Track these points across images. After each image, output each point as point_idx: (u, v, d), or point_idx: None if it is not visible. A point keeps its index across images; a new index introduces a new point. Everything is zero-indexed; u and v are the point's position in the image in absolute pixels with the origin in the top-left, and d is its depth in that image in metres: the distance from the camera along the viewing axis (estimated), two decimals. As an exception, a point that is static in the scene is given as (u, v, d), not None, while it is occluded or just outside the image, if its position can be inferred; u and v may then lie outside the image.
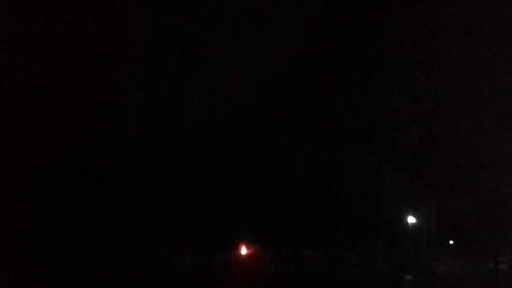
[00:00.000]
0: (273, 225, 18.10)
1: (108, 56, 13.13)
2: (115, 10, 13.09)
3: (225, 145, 16.58)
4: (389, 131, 17.03)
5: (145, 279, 13.20)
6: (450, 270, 17.35)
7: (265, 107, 16.73)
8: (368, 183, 18.15)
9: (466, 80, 16.64)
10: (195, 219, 16.19)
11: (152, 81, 13.97)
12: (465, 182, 18.52)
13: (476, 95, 16.72)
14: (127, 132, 13.65)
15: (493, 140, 17.24)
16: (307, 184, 18.49)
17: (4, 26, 12.14)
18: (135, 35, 13.67)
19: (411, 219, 18.62)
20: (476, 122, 17.00)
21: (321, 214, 18.57)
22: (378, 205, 17.78)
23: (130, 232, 13.62)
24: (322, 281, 15.03)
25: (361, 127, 17.08)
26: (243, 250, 11.69)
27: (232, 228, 16.67)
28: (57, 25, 12.43)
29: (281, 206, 18.63)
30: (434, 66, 16.67)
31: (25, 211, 12.85)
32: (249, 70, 14.73)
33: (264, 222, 17.57)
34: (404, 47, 16.39)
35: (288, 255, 16.90)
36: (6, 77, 12.31)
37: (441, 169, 18.30)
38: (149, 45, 13.81)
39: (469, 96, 16.83)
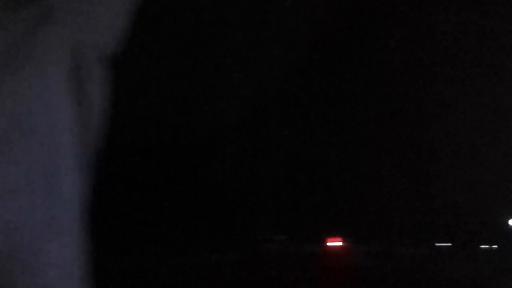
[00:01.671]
0: (366, 219, 17.76)
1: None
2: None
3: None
4: None
5: (243, 262, 13.53)
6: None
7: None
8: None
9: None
10: (290, 207, 16.20)
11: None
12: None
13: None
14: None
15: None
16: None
17: None
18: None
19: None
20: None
21: (419, 210, 18.05)
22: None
23: (228, 215, 14.02)
24: (414, 280, 14.46)
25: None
26: (333, 243, 11.52)
27: (324, 220, 16.51)
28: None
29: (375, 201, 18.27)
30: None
31: (140, 195, 13.58)
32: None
33: (357, 216, 17.28)
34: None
35: (381, 250, 16.45)
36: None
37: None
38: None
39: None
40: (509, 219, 17.71)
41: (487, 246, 17.64)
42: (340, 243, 11.90)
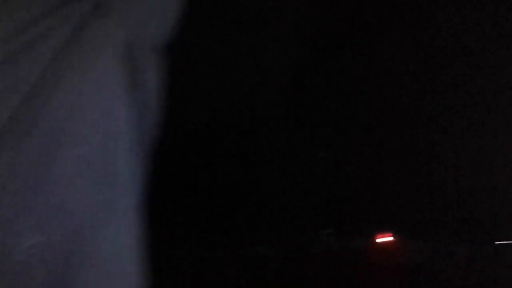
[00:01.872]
0: (419, 213, 17.43)
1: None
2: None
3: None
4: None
5: (291, 257, 13.46)
6: None
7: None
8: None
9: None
10: (338, 199, 16.00)
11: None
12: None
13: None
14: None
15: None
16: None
17: None
18: None
19: None
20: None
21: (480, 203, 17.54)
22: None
23: (272, 208, 13.98)
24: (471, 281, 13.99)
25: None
26: (383, 238, 11.37)
27: (374, 213, 16.26)
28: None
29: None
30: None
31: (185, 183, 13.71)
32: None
33: (410, 209, 16.96)
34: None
35: (436, 248, 16.11)
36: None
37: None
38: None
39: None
40: None
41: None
42: (391, 239, 11.74)
